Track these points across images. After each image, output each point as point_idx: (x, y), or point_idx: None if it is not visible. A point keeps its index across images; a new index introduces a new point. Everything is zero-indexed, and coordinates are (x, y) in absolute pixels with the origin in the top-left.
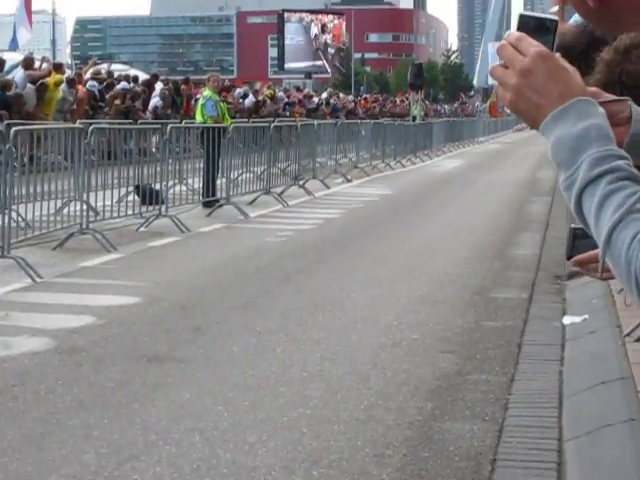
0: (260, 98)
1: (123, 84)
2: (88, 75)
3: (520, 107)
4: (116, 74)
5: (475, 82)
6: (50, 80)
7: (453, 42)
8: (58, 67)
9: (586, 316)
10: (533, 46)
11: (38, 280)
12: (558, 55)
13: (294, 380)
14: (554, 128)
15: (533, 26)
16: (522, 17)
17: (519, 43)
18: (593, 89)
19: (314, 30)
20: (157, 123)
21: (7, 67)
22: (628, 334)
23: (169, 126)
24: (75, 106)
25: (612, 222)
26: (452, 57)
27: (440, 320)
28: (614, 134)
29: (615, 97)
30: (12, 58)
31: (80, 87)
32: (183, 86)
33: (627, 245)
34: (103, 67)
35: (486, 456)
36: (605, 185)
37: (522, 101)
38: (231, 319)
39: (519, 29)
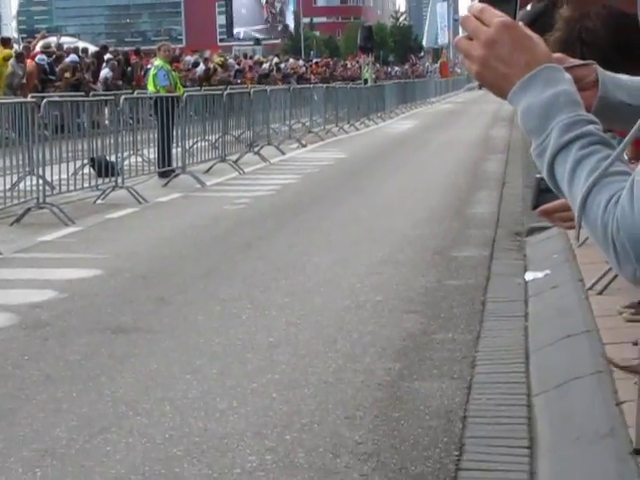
0: (211, 66)
1: (72, 57)
2: (38, 49)
3: (487, 78)
4: (65, 47)
5: (425, 43)
6: None
7: (401, 4)
8: (6, 42)
9: (548, 271)
10: (496, 16)
11: None
12: (521, 24)
13: (261, 346)
14: (522, 97)
15: None
16: None
17: (482, 14)
18: (558, 55)
19: None
20: (109, 95)
21: None
22: (591, 287)
23: (122, 97)
24: (25, 80)
25: (586, 187)
26: (401, 19)
27: (403, 281)
28: (582, 98)
29: (580, 61)
30: None
31: (29, 61)
32: (134, 57)
33: (602, 209)
34: (52, 40)
35: (456, 413)
36: (577, 150)
37: (489, 72)
38: (194, 288)
39: (481, 0)
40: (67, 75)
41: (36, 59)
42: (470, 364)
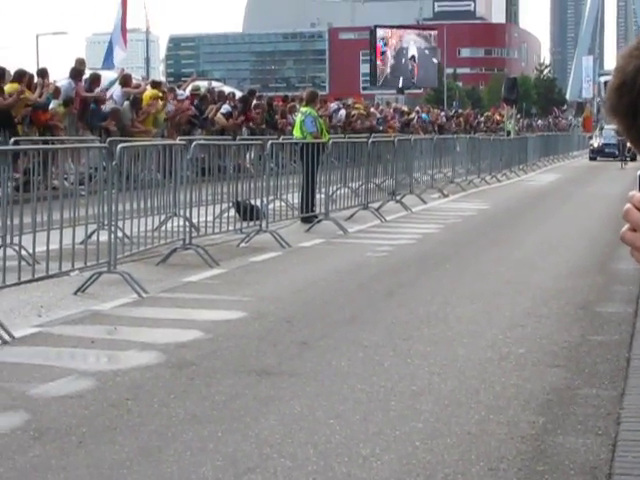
0: (354, 113)
1: (226, 107)
2: (187, 92)
3: None
4: (217, 91)
5: (568, 96)
6: (146, 94)
7: (546, 56)
8: (157, 85)
9: None
10: None
11: (144, 295)
12: None
13: (404, 394)
14: None
15: None
16: None
17: None
18: None
19: (406, 46)
20: (256, 139)
21: (105, 83)
22: None
23: (269, 142)
24: (177, 119)
25: None
26: (545, 71)
27: (546, 334)
28: None
29: None
30: (107, 76)
31: (177, 102)
32: (281, 103)
33: None
34: (203, 84)
35: (602, 470)
36: None
37: None
38: (337, 333)
39: None
40: (215, 118)
41: (178, 97)
42: (615, 421)
